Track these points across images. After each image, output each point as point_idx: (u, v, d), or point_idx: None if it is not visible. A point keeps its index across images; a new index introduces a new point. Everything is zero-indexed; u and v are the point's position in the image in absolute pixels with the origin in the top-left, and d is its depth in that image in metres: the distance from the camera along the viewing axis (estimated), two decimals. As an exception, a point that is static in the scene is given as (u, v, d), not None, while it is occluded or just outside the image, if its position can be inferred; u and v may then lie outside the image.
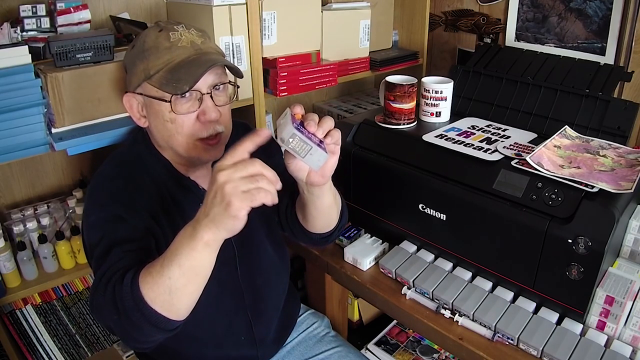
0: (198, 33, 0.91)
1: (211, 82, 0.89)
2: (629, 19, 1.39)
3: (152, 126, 0.93)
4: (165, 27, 0.89)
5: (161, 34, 0.88)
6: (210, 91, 0.89)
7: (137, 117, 0.94)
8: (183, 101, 0.87)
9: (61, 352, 1.35)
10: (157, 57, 0.87)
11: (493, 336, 0.95)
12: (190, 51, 0.88)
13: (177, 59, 0.87)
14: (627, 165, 0.98)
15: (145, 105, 0.92)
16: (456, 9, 1.83)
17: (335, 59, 1.58)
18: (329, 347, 1.19)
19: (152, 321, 0.68)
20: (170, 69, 0.86)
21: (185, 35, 0.89)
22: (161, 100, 0.87)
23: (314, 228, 0.99)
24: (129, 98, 0.93)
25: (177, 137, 0.89)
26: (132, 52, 0.91)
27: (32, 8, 1.17)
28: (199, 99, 0.88)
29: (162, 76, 0.86)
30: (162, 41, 0.87)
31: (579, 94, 1.16)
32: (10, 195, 1.35)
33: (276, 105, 1.83)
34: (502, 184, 0.97)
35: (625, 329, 0.89)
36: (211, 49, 0.92)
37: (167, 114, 0.87)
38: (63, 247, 1.26)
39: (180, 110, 0.87)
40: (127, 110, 0.94)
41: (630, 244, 1.00)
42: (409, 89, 1.17)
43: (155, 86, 0.87)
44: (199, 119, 0.89)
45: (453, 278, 1.05)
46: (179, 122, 0.88)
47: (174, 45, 0.87)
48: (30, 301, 1.30)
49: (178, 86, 0.84)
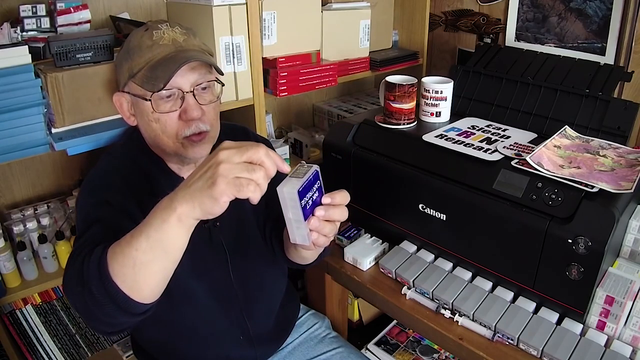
0: (182, 31, 0.91)
1: (194, 80, 0.88)
2: (629, 19, 1.39)
3: (140, 125, 0.94)
4: (150, 26, 0.90)
5: (146, 33, 0.89)
6: (192, 90, 0.88)
7: (127, 116, 0.95)
8: (165, 100, 0.87)
9: (61, 352, 1.35)
10: (139, 55, 0.88)
11: (493, 336, 0.95)
12: (170, 49, 0.88)
13: (157, 57, 0.87)
14: (627, 165, 0.98)
15: (133, 104, 0.93)
16: (456, 9, 1.83)
17: (335, 59, 1.58)
18: (330, 347, 1.19)
19: (112, 297, 0.65)
20: (150, 67, 0.87)
21: (168, 33, 0.89)
22: (143, 99, 0.88)
23: (295, 260, 0.98)
24: (118, 97, 0.94)
25: (162, 137, 0.90)
26: (121, 52, 0.93)
27: (32, 8, 1.16)
28: (181, 98, 0.88)
29: (143, 74, 0.87)
30: (145, 40, 0.88)
31: (579, 94, 1.16)
32: (10, 195, 1.35)
33: (276, 105, 1.83)
34: (502, 184, 0.97)
35: (625, 329, 0.89)
36: (193, 46, 0.91)
37: (150, 113, 0.88)
38: (63, 247, 1.26)
39: (162, 109, 0.88)
40: (118, 110, 0.96)
41: (630, 244, 1.00)
42: (409, 89, 1.17)
43: (137, 84, 0.88)
44: (181, 117, 0.89)
45: (453, 278, 1.05)
46: (162, 122, 0.88)
47: (155, 44, 0.88)
48: (30, 301, 1.30)
49: (155, 84, 0.85)
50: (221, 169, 0.59)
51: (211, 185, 0.59)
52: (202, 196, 0.60)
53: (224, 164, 0.59)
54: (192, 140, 0.90)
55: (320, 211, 0.69)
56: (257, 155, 0.60)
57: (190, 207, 0.62)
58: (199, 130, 0.90)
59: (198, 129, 0.89)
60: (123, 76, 0.91)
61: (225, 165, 0.59)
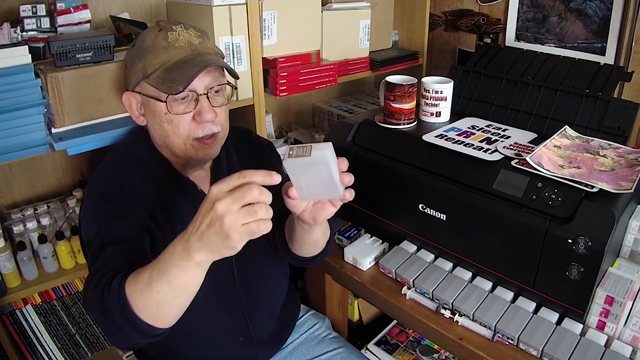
0: (196, 33, 0.92)
1: (208, 83, 0.89)
2: (629, 19, 1.39)
3: (150, 125, 0.94)
4: (164, 27, 0.90)
5: (160, 34, 0.89)
6: (207, 92, 0.89)
7: (136, 116, 0.95)
8: (179, 102, 0.88)
9: (61, 352, 1.35)
10: (154, 56, 0.88)
11: (493, 336, 0.95)
12: (187, 51, 0.88)
13: (173, 59, 0.88)
14: (627, 165, 0.98)
15: (144, 104, 0.93)
16: (456, 9, 1.83)
17: (335, 59, 1.58)
18: (330, 348, 1.19)
19: (137, 328, 0.69)
20: (166, 69, 0.87)
21: (183, 35, 0.89)
22: (157, 100, 0.88)
23: (298, 252, 0.99)
24: (128, 96, 0.94)
25: (174, 138, 0.90)
26: (132, 51, 0.92)
27: (32, 8, 1.16)
28: (195, 100, 0.89)
29: (159, 75, 0.87)
30: (160, 41, 0.88)
31: (579, 94, 1.16)
32: (10, 195, 1.35)
33: (276, 105, 1.83)
34: (502, 184, 0.97)
35: (625, 329, 0.89)
36: (208, 49, 0.92)
37: (163, 114, 0.88)
38: (63, 247, 1.26)
39: (177, 110, 0.88)
40: (127, 109, 0.95)
41: (630, 244, 1.00)
42: (409, 89, 1.17)
43: (152, 85, 0.88)
44: (194, 119, 0.89)
45: (453, 278, 1.05)
46: (175, 123, 0.89)
47: (171, 45, 0.88)
48: (30, 301, 1.30)
49: (172, 86, 0.85)
50: (227, 222, 0.60)
51: (225, 239, 0.61)
52: (219, 247, 0.63)
53: (227, 217, 0.60)
54: (204, 143, 0.91)
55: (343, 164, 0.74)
56: (252, 196, 0.61)
57: (208, 255, 0.65)
58: (211, 132, 0.90)
59: (210, 130, 0.90)
60: (136, 76, 0.90)
61: (228, 217, 0.60)
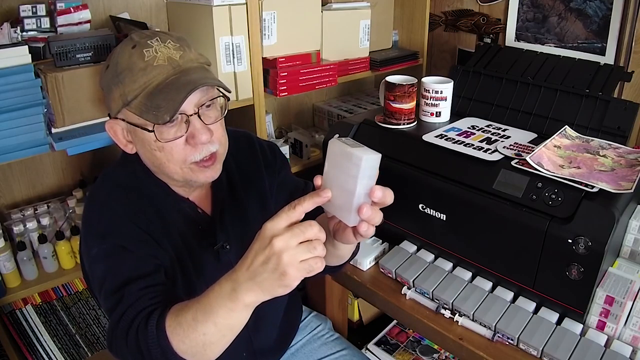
0: (175, 45, 0.81)
1: (197, 101, 0.80)
2: (629, 19, 1.39)
3: (141, 153, 0.86)
4: (138, 43, 0.79)
5: (134, 52, 0.79)
6: (197, 111, 0.80)
7: (124, 144, 0.86)
8: (168, 127, 0.79)
9: (61, 352, 1.35)
10: (132, 80, 0.78)
11: (493, 336, 0.95)
12: (168, 70, 0.79)
13: (154, 82, 0.78)
14: (627, 165, 0.98)
15: (130, 132, 0.84)
16: (456, 9, 1.83)
17: (335, 59, 1.58)
18: (334, 350, 1.18)
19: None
20: (147, 94, 0.78)
21: (161, 50, 0.79)
22: (144, 130, 0.79)
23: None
24: (111, 124, 0.84)
25: (169, 165, 0.82)
26: (107, 74, 0.82)
27: (32, 8, 1.16)
28: (185, 122, 0.80)
29: (141, 102, 0.78)
30: (135, 60, 0.78)
31: (579, 94, 1.16)
32: (10, 195, 1.35)
33: (276, 105, 1.83)
34: (502, 184, 0.97)
35: (625, 329, 0.89)
36: (192, 61, 0.82)
37: (153, 143, 0.80)
38: (63, 247, 1.26)
39: (167, 137, 0.79)
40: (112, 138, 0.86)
41: (630, 244, 1.00)
42: (409, 89, 1.16)
43: (135, 113, 0.79)
44: (188, 142, 0.81)
45: (453, 278, 1.05)
46: (167, 150, 0.80)
47: (149, 65, 0.78)
48: (30, 301, 1.30)
49: (159, 115, 0.76)
50: (285, 257, 0.58)
51: (281, 277, 0.59)
52: (273, 286, 0.60)
53: (285, 253, 0.58)
54: (203, 166, 0.83)
55: (379, 192, 0.66)
56: (313, 232, 0.59)
57: (258, 296, 0.62)
58: (209, 153, 0.83)
59: (208, 151, 0.83)
60: (115, 103, 0.81)
61: (287, 253, 0.58)
